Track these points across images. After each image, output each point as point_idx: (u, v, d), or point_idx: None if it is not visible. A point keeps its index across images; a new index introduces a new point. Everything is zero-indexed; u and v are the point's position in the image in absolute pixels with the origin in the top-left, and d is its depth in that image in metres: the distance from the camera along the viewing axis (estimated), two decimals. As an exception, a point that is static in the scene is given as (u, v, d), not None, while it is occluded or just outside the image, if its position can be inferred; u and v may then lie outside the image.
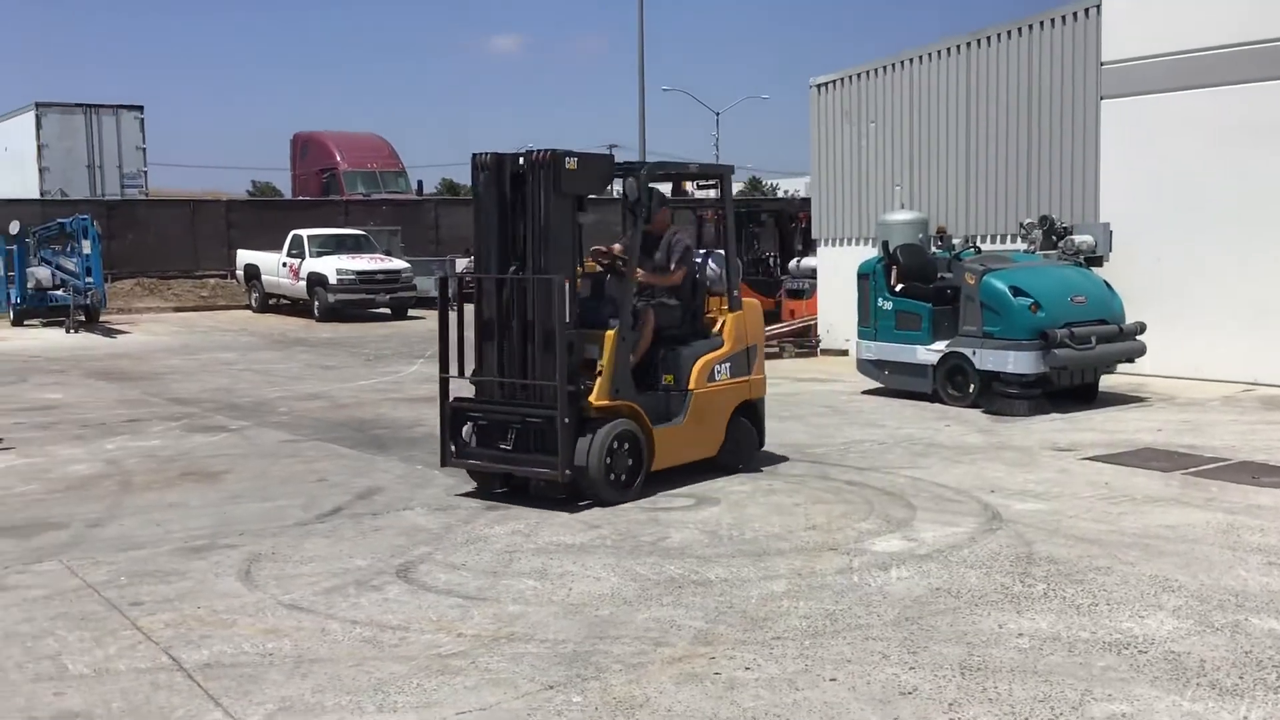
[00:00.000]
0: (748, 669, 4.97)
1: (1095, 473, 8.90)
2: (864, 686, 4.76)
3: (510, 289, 7.98)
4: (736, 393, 9.03)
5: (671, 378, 8.55)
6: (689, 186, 14.16)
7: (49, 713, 4.60)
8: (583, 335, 7.89)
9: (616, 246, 8.90)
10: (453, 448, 8.27)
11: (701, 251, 9.35)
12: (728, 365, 8.90)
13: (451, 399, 8.27)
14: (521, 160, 7.97)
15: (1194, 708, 4.53)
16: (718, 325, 8.98)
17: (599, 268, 8.88)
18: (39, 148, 31.77)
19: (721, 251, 9.29)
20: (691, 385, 8.57)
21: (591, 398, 7.88)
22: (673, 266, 8.77)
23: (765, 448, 9.53)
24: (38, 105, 32.05)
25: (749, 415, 9.21)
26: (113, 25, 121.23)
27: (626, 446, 8.01)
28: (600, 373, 7.94)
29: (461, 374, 8.32)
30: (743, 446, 9.15)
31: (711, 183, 10.16)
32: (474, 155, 8.10)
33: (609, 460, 7.87)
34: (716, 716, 4.49)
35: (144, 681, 4.91)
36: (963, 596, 5.90)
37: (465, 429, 8.26)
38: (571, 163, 7.77)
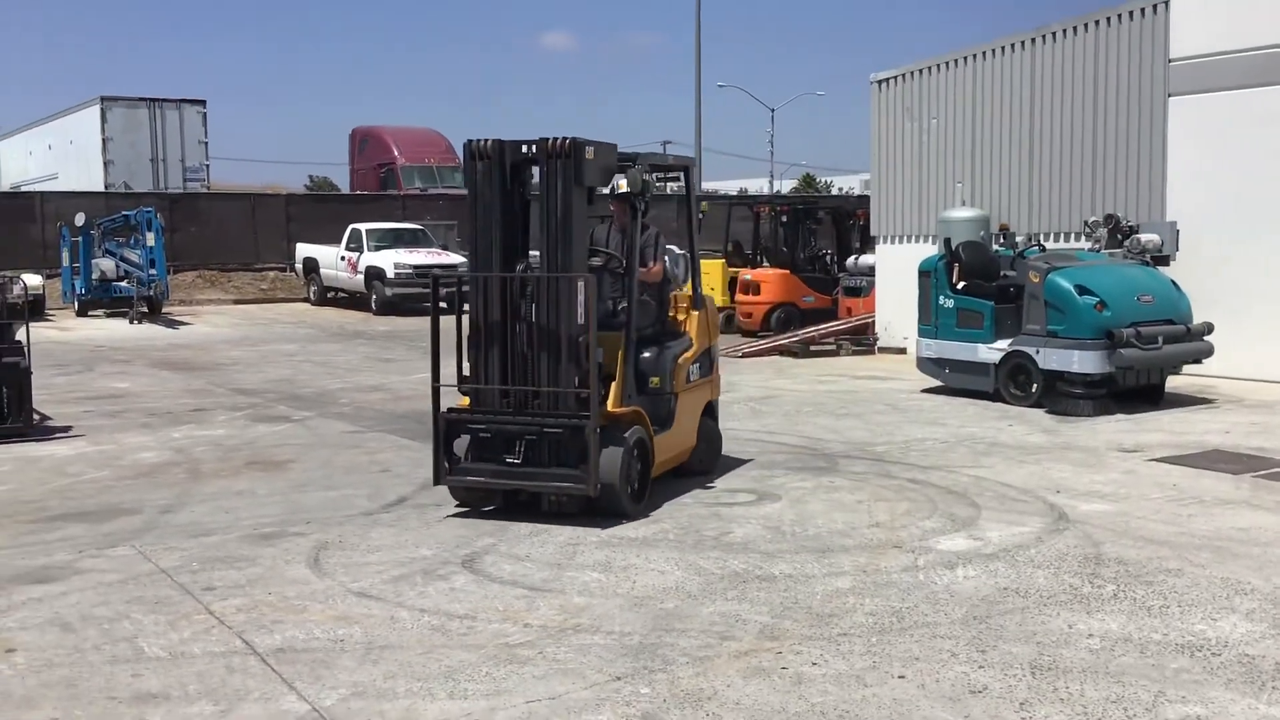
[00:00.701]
0: (815, 664, 4.96)
1: (1163, 474, 8.78)
2: (933, 684, 4.73)
3: (518, 289, 7.35)
4: (705, 393, 8.79)
5: (658, 380, 7.98)
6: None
7: (128, 694, 4.69)
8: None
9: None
10: (445, 464, 7.42)
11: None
12: (697, 365, 8.56)
13: (444, 410, 7.47)
14: (526, 148, 7.34)
15: (1271, 711, 4.46)
16: (683, 324, 8.59)
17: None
18: (104, 141, 32.27)
19: (673, 247, 8.92)
20: (678, 388, 8.16)
21: (609, 405, 7.41)
22: (651, 263, 8.24)
23: (787, 442, 9.51)
24: (103, 99, 32.55)
25: (710, 416, 8.98)
26: (176, 21, 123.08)
27: (637, 454, 7.53)
28: (609, 378, 7.48)
29: (462, 380, 7.54)
30: (712, 448, 8.94)
31: (675, 175, 9.65)
32: (468, 143, 7.43)
33: (628, 471, 7.39)
34: (785, 711, 4.49)
35: (219, 665, 4.99)
36: (1031, 596, 5.85)
37: (459, 443, 7.47)
38: (591, 151, 7.23)
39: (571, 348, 7.20)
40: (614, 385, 7.48)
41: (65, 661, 5.04)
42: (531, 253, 7.59)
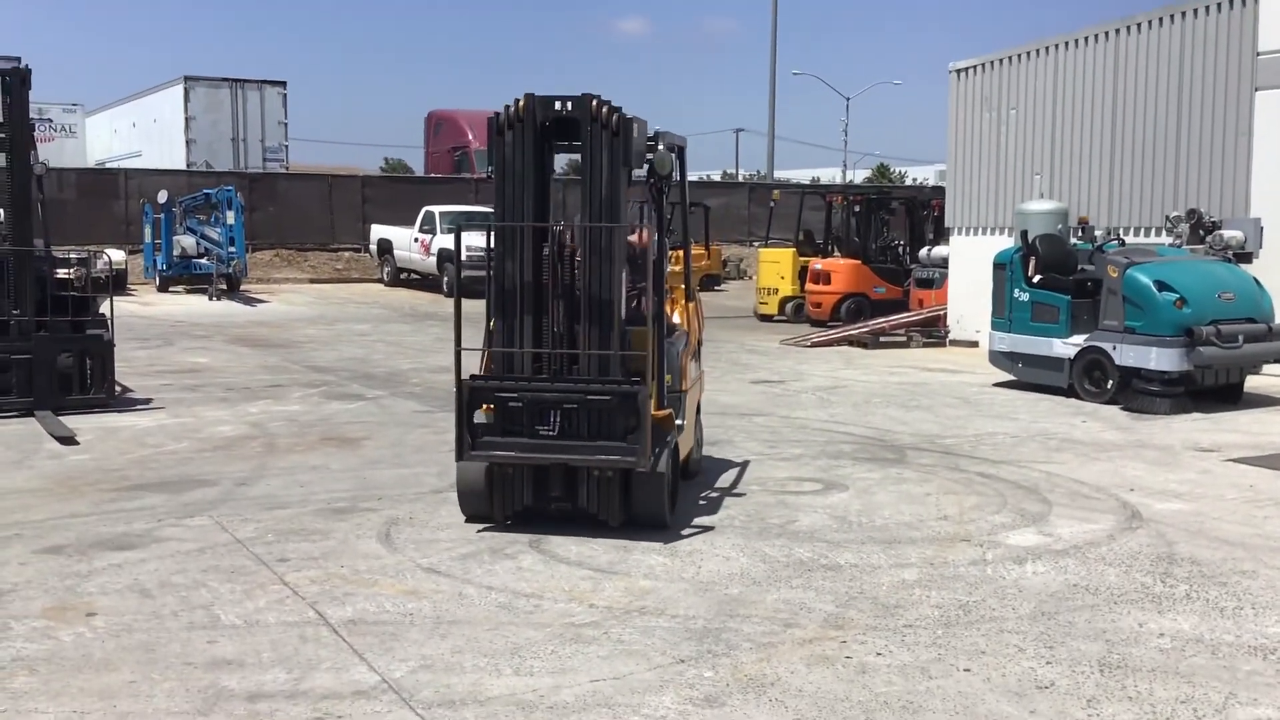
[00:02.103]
0: (879, 655, 4.95)
1: (1239, 475, 8.62)
2: (999, 678, 4.71)
3: (555, 252, 6.78)
4: (698, 391, 8.45)
5: (670, 378, 7.27)
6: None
7: (203, 659, 4.81)
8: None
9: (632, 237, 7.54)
10: (469, 438, 6.69)
11: None
12: (694, 362, 8.19)
13: (467, 377, 6.82)
14: (562, 106, 6.70)
15: (1347, 718, 4.38)
16: (675, 317, 8.01)
17: None
18: (186, 120, 32.80)
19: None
20: (685, 386, 7.61)
21: (651, 409, 6.78)
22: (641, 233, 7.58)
23: (811, 432, 9.44)
24: (186, 79, 33.08)
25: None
26: (259, 3, 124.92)
27: (673, 461, 7.01)
28: (639, 376, 6.84)
29: (489, 345, 7.00)
30: (700, 448, 8.59)
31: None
32: (493, 117, 6.74)
33: (673, 480, 6.95)
34: (848, 699, 4.49)
35: (292, 634, 5.10)
36: (1101, 594, 5.79)
37: (478, 415, 6.69)
38: (637, 129, 6.75)
39: (618, 311, 6.70)
40: (651, 385, 6.80)
41: (143, 627, 5.19)
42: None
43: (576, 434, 6.63)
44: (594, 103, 6.67)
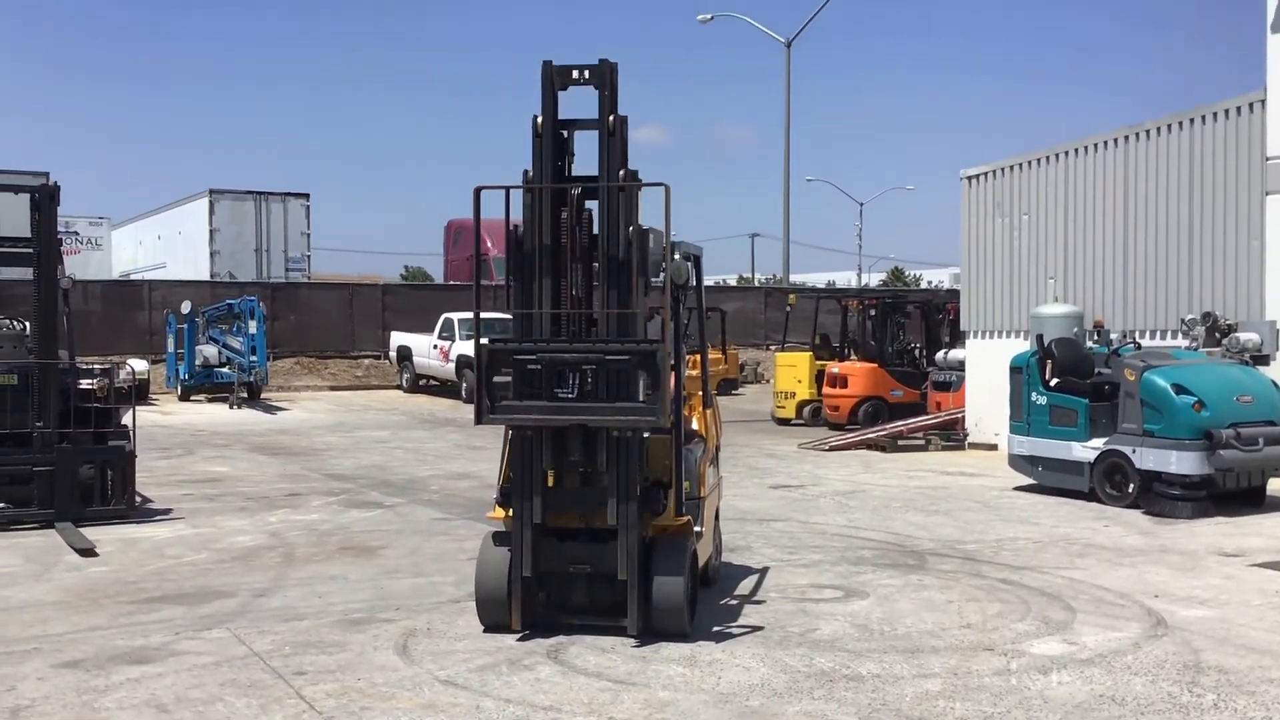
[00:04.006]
0: (903, 768, 4.87)
1: (1266, 580, 8.51)
2: (1025, 792, 4.62)
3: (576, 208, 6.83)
4: (716, 498, 8.38)
5: (688, 484, 7.24)
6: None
7: (220, 775, 4.77)
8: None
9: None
10: (488, 403, 6.68)
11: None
12: (713, 468, 8.14)
13: (487, 340, 6.77)
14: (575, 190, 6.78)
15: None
16: (693, 422, 8.03)
17: None
18: (211, 232, 33.34)
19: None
20: (703, 493, 7.54)
21: (669, 516, 6.92)
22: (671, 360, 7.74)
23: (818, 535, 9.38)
24: (211, 192, 33.73)
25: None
26: (282, 117, 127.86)
27: (693, 568, 6.96)
28: (658, 484, 6.98)
29: (508, 307, 6.93)
30: (719, 555, 8.53)
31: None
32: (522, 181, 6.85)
33: (692, 588, 6.86)
34: (872, 815, 4.41)
35: (308, 750, 5.06)
36: (1128, 704, 5.70)
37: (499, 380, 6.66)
38: (653, 239, 6.83)
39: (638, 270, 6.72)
40: (670, 493, 6.93)
41: (161, 742, 5.15)
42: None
43: (595, 396, 6.59)
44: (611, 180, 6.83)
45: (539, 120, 6.90)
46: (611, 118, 6.87)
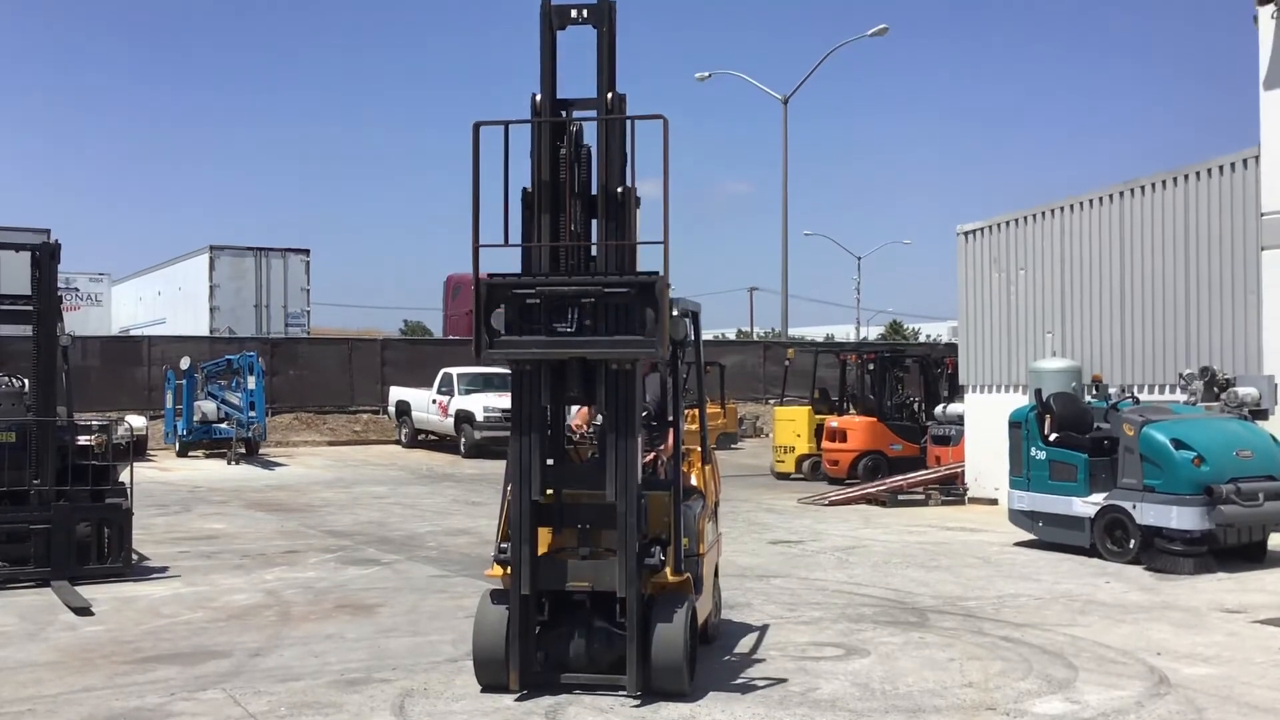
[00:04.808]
0: (906, 832, 4.82)
1: (1268, 637, 8.46)
2: None
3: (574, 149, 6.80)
4: (716, 554, 8.32)
5: (687, 541, 7.14)
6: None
7: (214, 841, 4.71)
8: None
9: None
10: (487, 337, 6.67)
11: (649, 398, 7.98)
12: (711, 524, 8.07)
13: (485, 275, 6.70)
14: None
15: None
16: (692, 478, 7.97)
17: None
18: (211, 288, 33.42)
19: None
20: (702, 550, 7.47)
21: (668, 574, 6.84)
22: (670, 416, 7.79)
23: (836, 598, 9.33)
24: (212, 248, 33.86)
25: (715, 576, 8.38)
26: (281, 174, 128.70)
27: (692, 626, 6.88)
28: (656, 542, 6.89)
29: (506, 242, 6.77)
30: (719, 612, 8.47)
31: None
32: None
33: (692, 647, 6.79)
34: None
35: (304, 814, 4.99)
36: (1131, 765, 5.64)
37: (497, 315, 6.67)
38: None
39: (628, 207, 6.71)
40: (670, 551, 6.86)
41: (154, 806, 5.09)
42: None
43: (594, 330, 6.55)
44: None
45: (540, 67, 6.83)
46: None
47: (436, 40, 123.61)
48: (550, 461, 7.01)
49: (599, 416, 7.64)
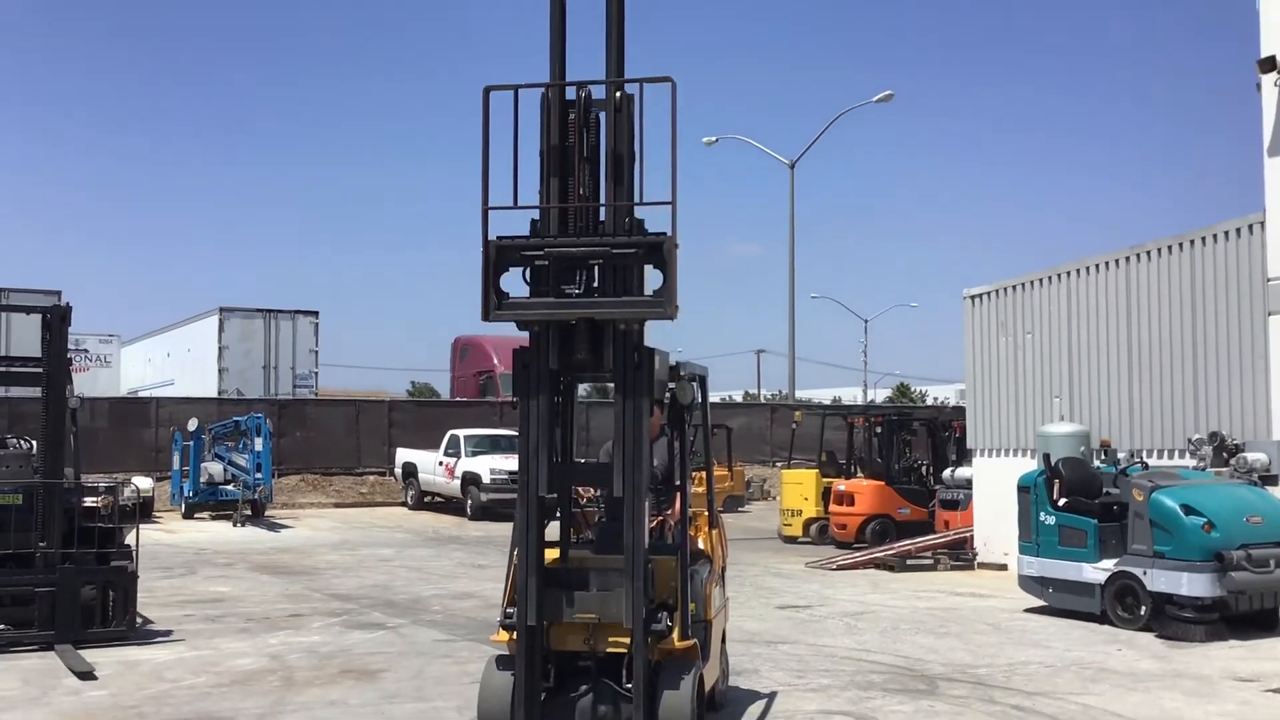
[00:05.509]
0: None
1: (1283, 707, 8.37)
2: None
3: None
4: (723, 620, 8.26)
5: (694, 606, 7.08)
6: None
7: None
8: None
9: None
10: (495, 298, 6.60)
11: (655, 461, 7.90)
12: (719, 589, 8.04)
13: (494, 236, 6.65)
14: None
15: None
16: (699, 542, 7.93)
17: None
18: (220, 349, 33.58)
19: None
20: (710, 615, 7.41)
21: (675, 640, 6.74)
22: (677, 481, 7.75)
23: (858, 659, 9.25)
24: (221, 310, 34.05)
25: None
26: (292, 236, 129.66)
27: (698, 695, 6.78)
28: (663, 608, 6.80)
29: (515, 204, 6.68)
30: (726, 679, 8.38)
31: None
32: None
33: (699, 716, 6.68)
34: None
35: None
36: (1145, 839, 5.56)
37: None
38: (659, 360, 6.78)
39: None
40: (677, 615, 6.77)
41: None
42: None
43: (603, 291, 6.53)
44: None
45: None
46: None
47: (441, 118, 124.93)
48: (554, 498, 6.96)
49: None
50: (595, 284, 6.62)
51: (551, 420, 6.73)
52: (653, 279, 6.59)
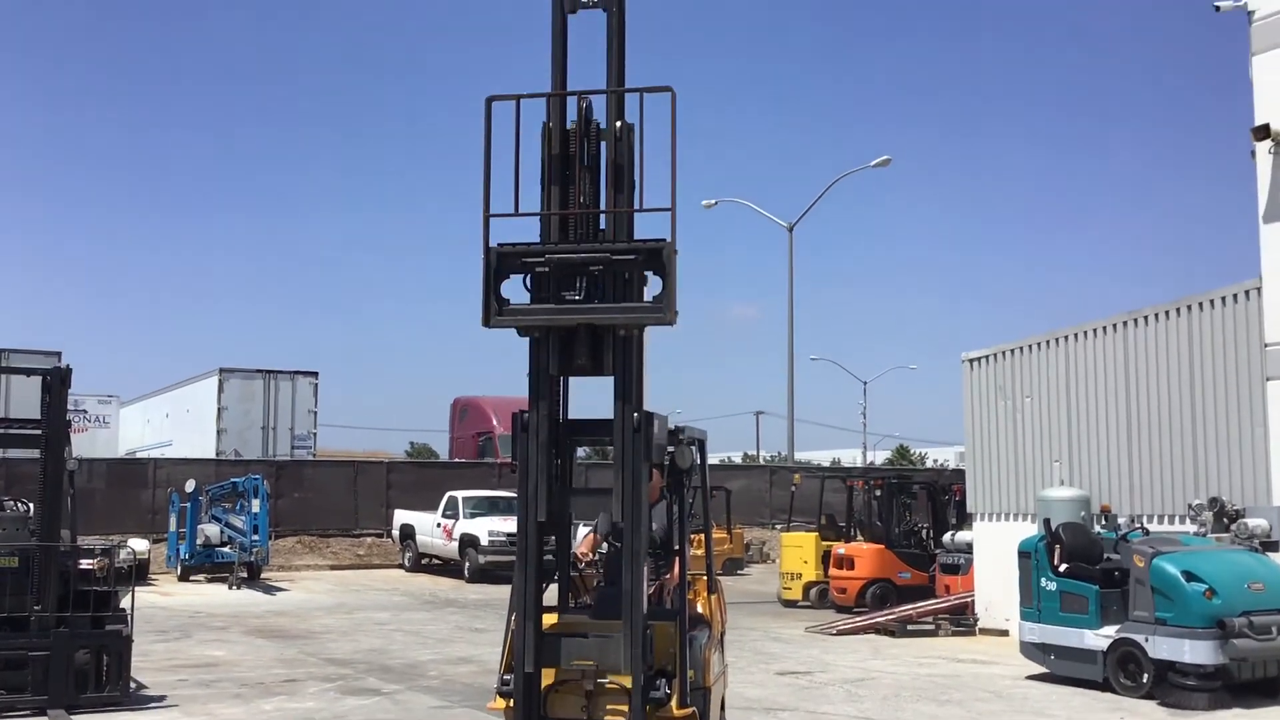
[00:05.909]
0: None
1: (1288, 778, 8.27)
2: None
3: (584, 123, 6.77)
4: (722, 687, 8.09)
5: (693, 673, 6.91)
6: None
7: None
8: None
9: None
10: (496, 304, 6.56)
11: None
12: (718, 655, 7.95)
13: (495, 244, 6.61)
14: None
15: None
16: (698, 607, 7.77)
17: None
18: (219, 410, 33.53)
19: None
20: (709, 682, 7.25)
21: (674, 708, 6.55)
22: (676, 544, 7.55)
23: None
24: (221, 371, 34.05)
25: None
26: (291, 299, 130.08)
27: None
28: (661, 674, 6.64)
29: (516, 211, 6.66)
30: None
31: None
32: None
33: None
34: None
35: None
36: None
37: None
38: (658, 424, 6.71)
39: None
40: (675, 683, 6.60)
41: None
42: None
43: (603, 297, 6.53)
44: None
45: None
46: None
47: (441, 173, 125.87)
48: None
49: (604, 544, 7.62)
50: (596, 290, 6.64)
51: (553, 412, 6.68)
52: (653, 285, 6.62)
